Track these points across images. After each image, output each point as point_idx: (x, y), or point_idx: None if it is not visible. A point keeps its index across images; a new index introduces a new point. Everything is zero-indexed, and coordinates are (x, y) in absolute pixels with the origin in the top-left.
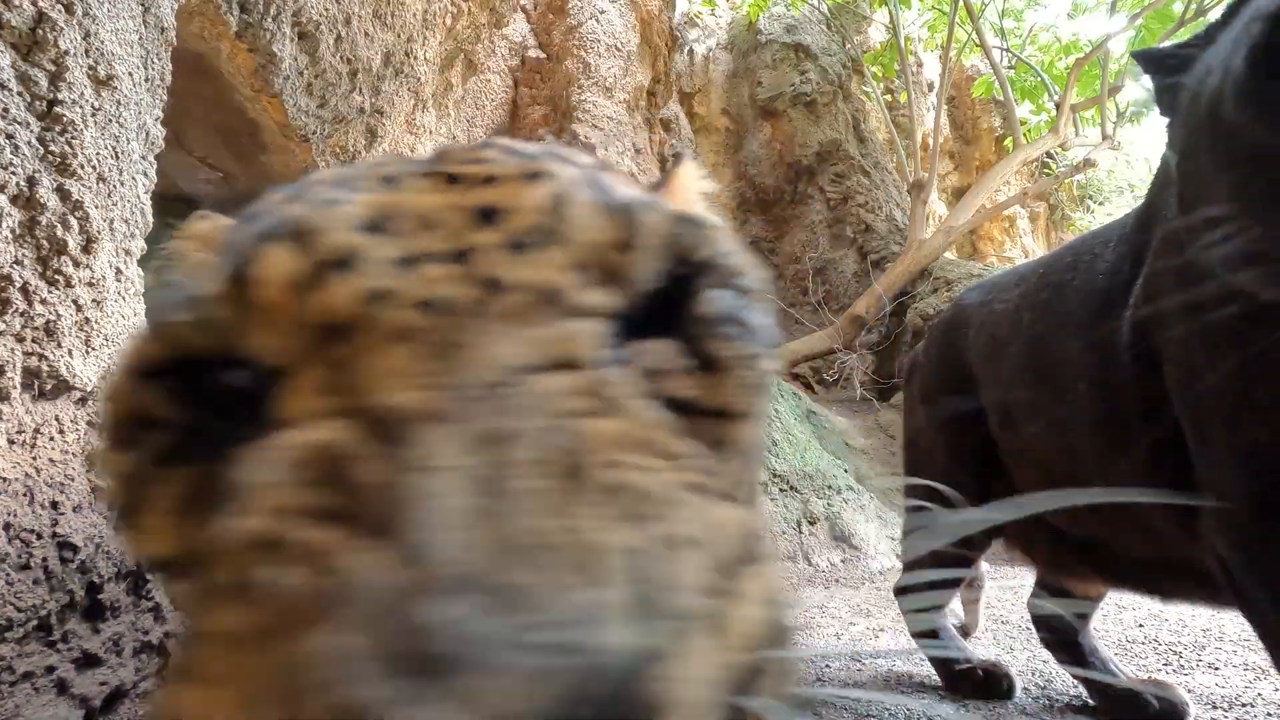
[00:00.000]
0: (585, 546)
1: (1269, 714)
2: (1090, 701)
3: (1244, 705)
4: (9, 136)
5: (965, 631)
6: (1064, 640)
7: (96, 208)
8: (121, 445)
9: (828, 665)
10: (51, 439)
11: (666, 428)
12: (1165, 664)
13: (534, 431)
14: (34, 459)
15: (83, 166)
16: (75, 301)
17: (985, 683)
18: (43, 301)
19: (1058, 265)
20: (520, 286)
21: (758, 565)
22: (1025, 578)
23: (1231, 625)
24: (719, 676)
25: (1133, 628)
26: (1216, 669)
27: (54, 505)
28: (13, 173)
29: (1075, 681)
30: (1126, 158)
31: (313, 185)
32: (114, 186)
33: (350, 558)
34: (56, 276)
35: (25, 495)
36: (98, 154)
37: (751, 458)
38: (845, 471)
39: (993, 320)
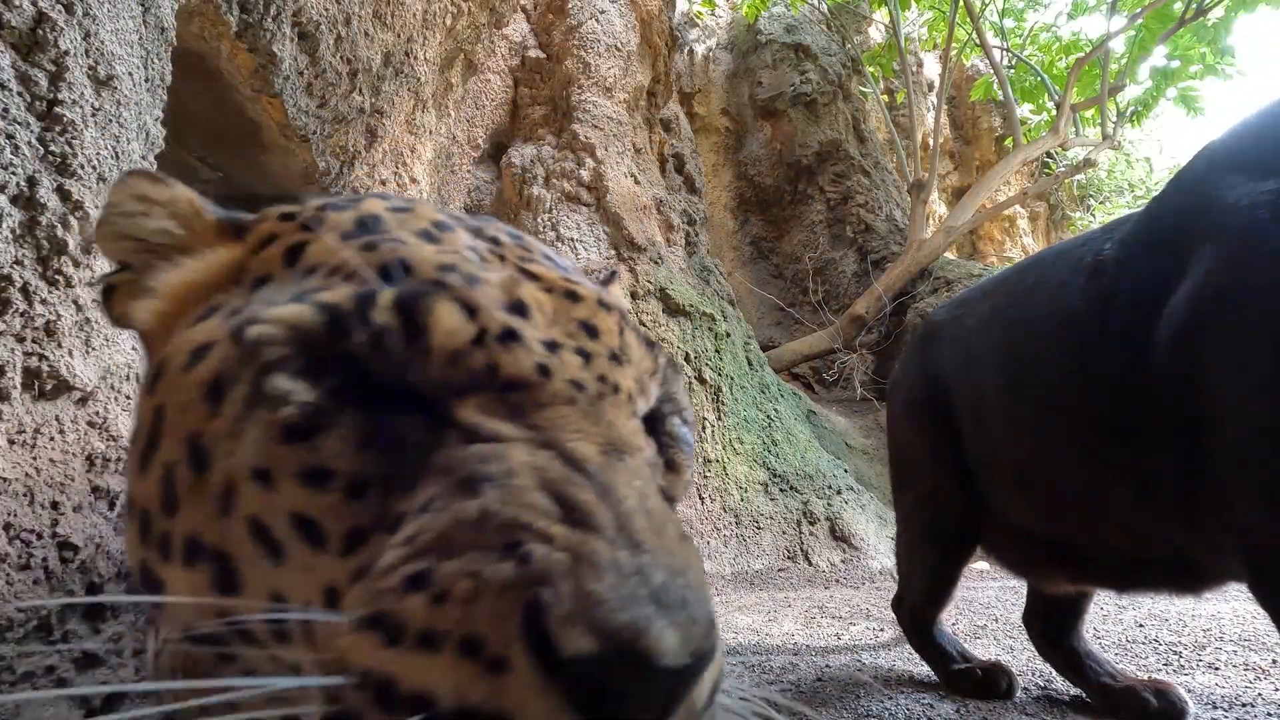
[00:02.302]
0: (680, 551)
1: (1269, 714)
2: (1090, 701)
3: (1244, 705)
4: (9, 136)
5: None
6: (1058, 648)
7: (97, 208)
8: (300, 377)
9: (828, 665)
10: (51, 439)
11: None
12: (1165, 664)
13: (639, 482)
14: (34, 459)
15: (83, 166)
16: (75, 301)
17: (985, 682)
18: (43, 301)
19: (1023, 281)
20: (621, 388)
21: None
22: None
23: (1231, 625)
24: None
25: (1133, 628)
26: (1216, 669)
27: (54, 505)
28: (13, 173)
29: None
30: (1126, 158)
31: (408, 232)
32: None
33: (580, 540)
34: (56, 276)
35: (25, 495)
36: (98, 154)
37: None
38: (845, 471)
39: (964, 334)
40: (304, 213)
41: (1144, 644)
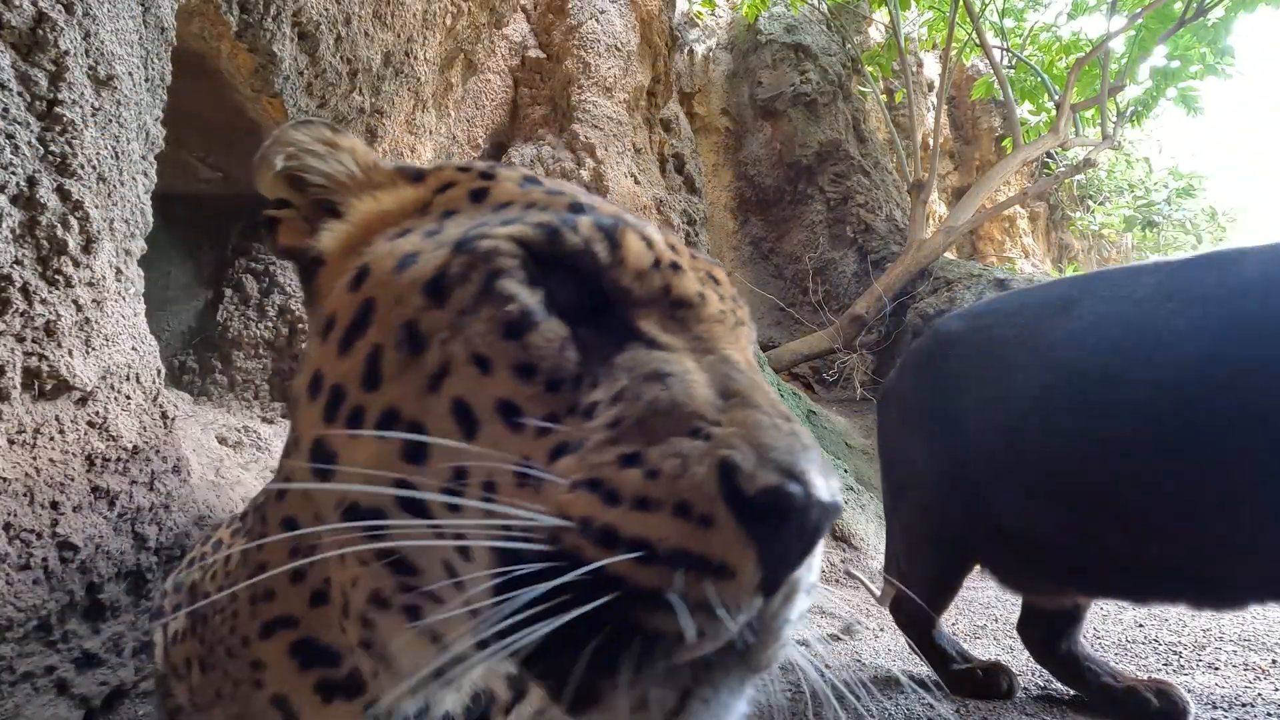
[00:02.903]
0: (799, 427)
1: (1269, 714)
2: (1090, 702)
3: (1244, 705)
4: (9, 136)
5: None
6: (1055, 653)
7: (96, 208)
8: (523, 285)
9: (828, 665)
10: (51, 439)
11: None
12: (1165, 664)
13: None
14: (34, 459)
15: (83, 166)
16: (75, 301)
17: (985, 683)
18: (43, 301)
19: (1093, 294)
20: (744, 322)
21: None
22: None
23: (1231, 625)
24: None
25: (1133, 628)
26: (1216, 669)
27: (54, 505)
28: (13, 173)
29: None
30: (1126, 158)
31: (576, 194)
32: (114, 186)
33: (745, 414)
34: (56, 276)
35: (25, 495)
36: (98, 154)
37: None
38: (845, 471)
39: (999, 348)
40: (477, 166)
41: (1144, 644)
